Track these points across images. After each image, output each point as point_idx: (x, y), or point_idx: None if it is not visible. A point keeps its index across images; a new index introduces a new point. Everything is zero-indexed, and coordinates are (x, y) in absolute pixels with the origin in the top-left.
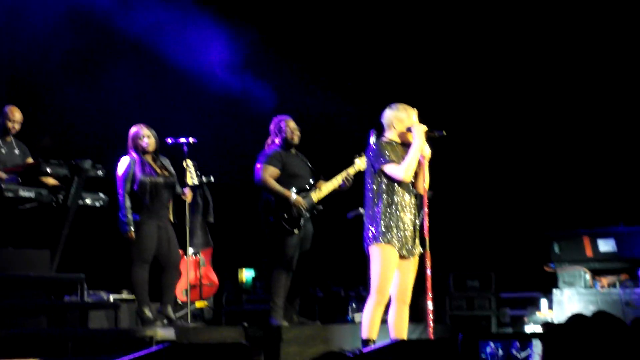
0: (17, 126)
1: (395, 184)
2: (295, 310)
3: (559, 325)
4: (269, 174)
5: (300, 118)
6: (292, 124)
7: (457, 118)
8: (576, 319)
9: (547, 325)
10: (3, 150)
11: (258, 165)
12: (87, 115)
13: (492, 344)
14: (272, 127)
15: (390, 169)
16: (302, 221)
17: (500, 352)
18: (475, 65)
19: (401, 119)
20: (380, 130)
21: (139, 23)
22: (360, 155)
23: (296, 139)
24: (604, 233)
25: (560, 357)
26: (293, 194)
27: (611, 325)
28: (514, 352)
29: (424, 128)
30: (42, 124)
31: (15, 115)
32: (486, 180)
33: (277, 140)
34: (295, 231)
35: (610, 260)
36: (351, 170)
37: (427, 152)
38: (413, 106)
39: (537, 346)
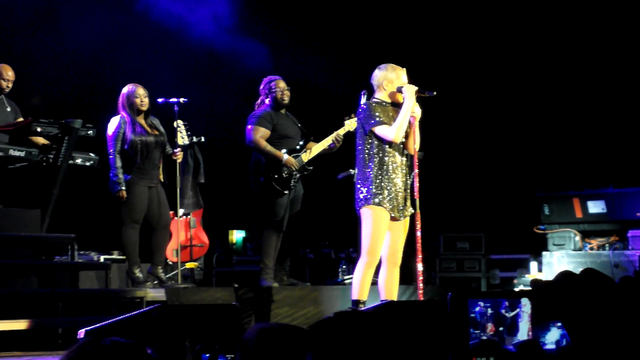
0: (9, 84)
1: (386, 145)
2: (285, 271)
3: (548, 282)
4: (260, 135)
5: (290, 79)
6: (282, 84)
7: (447, 78)
8: (564, 276)
9: (535, 282)
10: None
11: (249, 127)
12: (75, 74)
13: (481, 304)
14: (261, 87)
15: (381, 130)
16: (292, 182)
17: (490, 311)
18: (466, 26)
19: (390, 79)
20: (370, 91)
21: None
22: (350, 117)
23: (286, 99)
24: (594, 195)
25: (548, 313)
26: (285, 155)
27: (599, 282)
28: (503, 311)
29: (415, 88)
30: (32, 82)
31: (8, 74)
32: (476, 141)
33: (267, 101)
34: (286, 192)
35: (600, 222)
36: (341, 131)
37: (418, 112)
38: (403, 66)
39: (525, 305)
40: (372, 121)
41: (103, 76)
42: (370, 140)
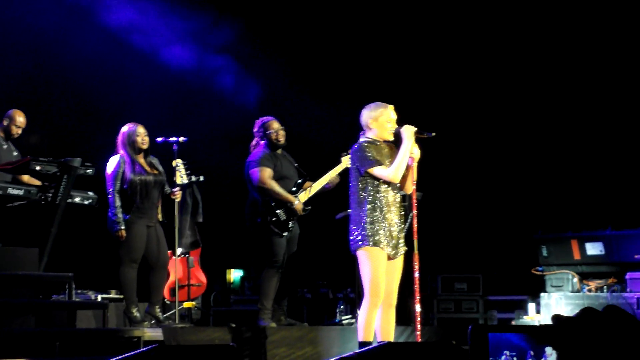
0: (19, 131)
1: (382, 184)
2: (283, 311)
3: (569, 318)
4: (267, 175)
5: (285, 118)
6: (275, 125)
7: (447, 119)
8: (587, 313)
9: (557, 318)
10: (4, 146)
11: (253, 170)
12: (75, 114)
13: (507, 352)
14: (255, 130)
15: (378, 171)
16: (290, 224)
17: None
18: (467, 67)
19: (375, 117)
20: None
21: (119, 18)
22: (347, 153)
23: (282, 139)
24: (592, 237)
25: (574, 354)
26: (296, 200)
27: (623, 319)
28: None
29: (413, 129)
30: (31, 121)
31: (20, 120)
32: (475, 182)
33: (262, 143)
34: (284, 234)
35: (598, 263)
36: (338, 168)
37: (417, 153)
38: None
39: (551, 355)
40: (367, 162)
41: (102, 115)
42: (365, 181)
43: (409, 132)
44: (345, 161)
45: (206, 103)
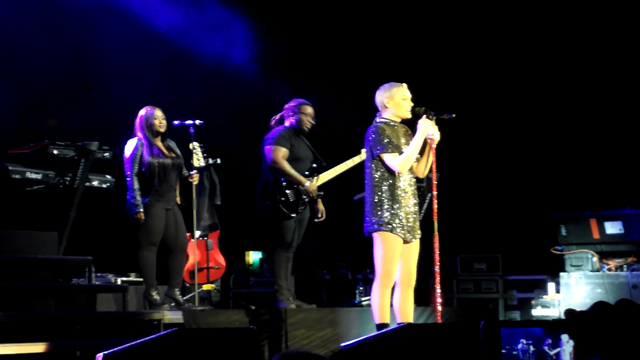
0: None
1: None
2: (291, 292)
3: (582, 313)
4: (281, 155)
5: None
6: (310, 110)
7: (465, 100)
8: (600, 307)
9: (570, 312)
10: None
11: (267, 147)
12: (92, 97)
13: (523, 341)
14: (288, 105)
15: (387, 159)
16: (300, 207)
17: (532, 348)
18: (486, 49)
19: (391, 96)
20: None
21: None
22: None
23: (308, 126)
24: (611, 215)
25: (589, 350)
26: (307, 181)
27: (635, 313)
28: (546, 348)
29: (429, 126)
30: (48, 105)
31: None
32: (494, 162)
33: (287, 122)
34: (293, 215)
35: (617, 242)
36: (356, 159)
37: (437, 135)
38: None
39: (567, 342)
40: (380, 147)
41: (119, 98)
42: (378, 164)
43: (424, 126)
44: (365, 154)
45: (224, 86)
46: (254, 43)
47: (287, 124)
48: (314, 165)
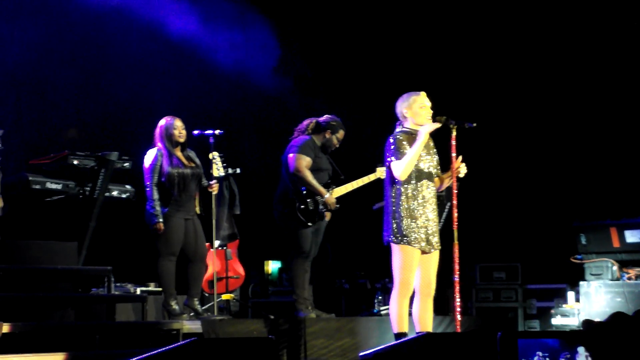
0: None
1: (416, 178)
2: (309, 301)
3: (600, 323)
4: (305, 164)
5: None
6: (342, 134)
7: (486, 108)
8: (618, 318)
9: (587, 323)
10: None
11: (291, 155)
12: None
13: (539, 354)
14: (326, 118)
15: (392, 166)
16: (317, 217)
17: None
18: (505, 58)
19: (409, 105)
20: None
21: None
22: (382, 165)
23: (332, 149)
24: (632, 224)
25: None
26: (327, 193)
27: None
28: None
29: (429, 130)
30: (68, 115)
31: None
32: (513, 170)
33: (318, 138)
34: (310, 224)
35: (637, 251)
36: (372, 177)
37: (463, 171)
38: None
39: (583, 356)
40: (390, 156)
41: (139, 108)
42: None
43: (424, 132)
44: (380, 172)
45: (243, 95)
46: (274, 53)
47: (315, 138)
48: (332, 178)
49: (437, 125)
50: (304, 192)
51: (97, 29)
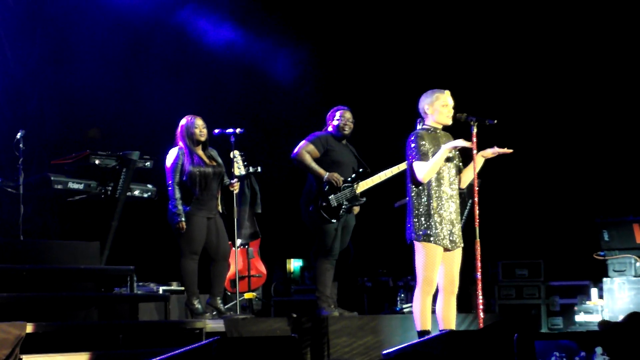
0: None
1: (438, 175)
2: (333, 299)
3: (616, 324)
4: (305, 149)
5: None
6: (347, 115)
7: (507, 105)
8: (635, 318)
9: (604, 324)
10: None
11: (300, 143)
12: (134, 107)
13: (557, 354)
14: (329, 114)
15: (416, 166)
16: (341, 211)
17: None
18: (527, 54)
19: (431, 102)
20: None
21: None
22: None
23: (347, 130)
24: None
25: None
26: (326, 173)
27: None
28: None
29: (451, 145)
30: (90, 115)
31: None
32: (535, 167)
33: (330, 128)
34: (333, 220)
35: None
36: (402, 166)
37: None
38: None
39: (601, 357)
40: (414, 155)
41: (160, 107)
42: None
43: (445, 148)
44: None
45: (265, 94)
46: (295, 53)
47: (329, 129)
48: (360, 170)
49: (463, 144)
50: (326, 188)
51: (122, 30)
